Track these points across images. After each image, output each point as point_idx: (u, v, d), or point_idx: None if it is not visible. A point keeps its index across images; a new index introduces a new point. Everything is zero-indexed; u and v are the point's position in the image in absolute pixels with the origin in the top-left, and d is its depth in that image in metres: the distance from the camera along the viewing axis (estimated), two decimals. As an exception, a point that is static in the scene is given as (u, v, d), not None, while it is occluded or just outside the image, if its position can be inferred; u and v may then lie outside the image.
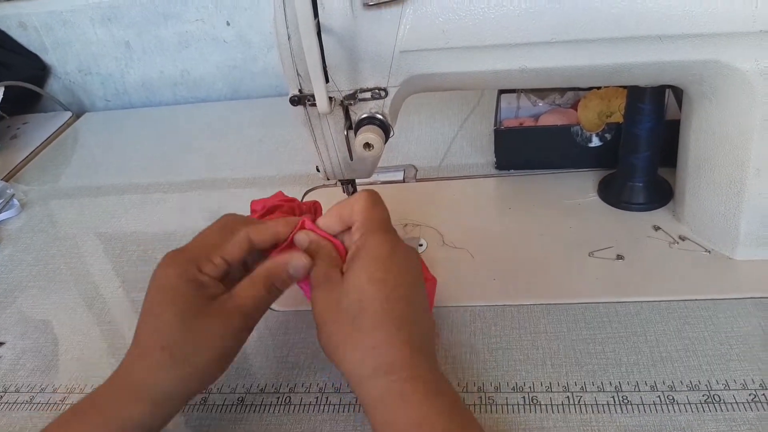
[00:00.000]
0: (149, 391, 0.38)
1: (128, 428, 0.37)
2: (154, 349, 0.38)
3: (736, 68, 0.46)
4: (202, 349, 0.38)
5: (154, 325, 0.38)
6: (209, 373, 0.40)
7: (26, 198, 0.79)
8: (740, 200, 0.50)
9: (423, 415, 0.34)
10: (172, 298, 0.38)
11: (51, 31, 0.98)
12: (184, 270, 0.39)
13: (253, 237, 0.42)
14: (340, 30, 0.45)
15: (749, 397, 0.42)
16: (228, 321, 0.39)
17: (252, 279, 0.41)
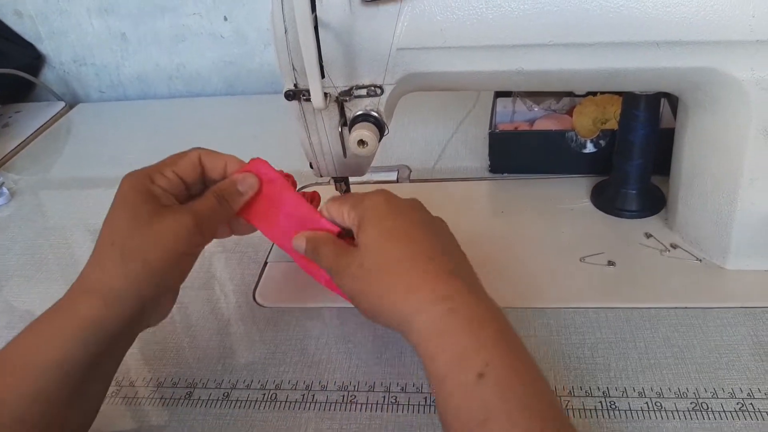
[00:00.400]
0: (101, 287, 0.39)
1: (86, 326, 0.38)
2: (105, 246, 0.40)
3: (732, 77, 0.46)
4: (151, 245, 0.40)
5: (109, 227, 0.41)
6: (163, 273, 0.40)
7: (16, 187, 0.79)
8: (733, 210, 0.50)
9: (466, 346, 0.34)
10: (124, 204, 0.41)
11: (47, 20, 0.97)
12: (137, 181, 0.42)
13: (204, 159, 0.45)
14: (337, 25, 0.45)
15: (737, 406, 0.42)
16: (178, 219, 0.41)
17: (204, 194, 0.44)
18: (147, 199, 0.41)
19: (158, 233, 0.40)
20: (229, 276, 0.59)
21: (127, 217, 0.40)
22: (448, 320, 0.36)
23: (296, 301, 0.55)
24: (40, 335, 0.39)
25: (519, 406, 0.32)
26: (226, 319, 0.54)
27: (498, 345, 0.34)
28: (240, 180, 0.45)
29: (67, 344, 0.38)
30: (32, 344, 0.39)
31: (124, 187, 0.42)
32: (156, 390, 0.48)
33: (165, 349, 0.52)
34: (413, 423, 0.43)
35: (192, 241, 0.42)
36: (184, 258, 0.42)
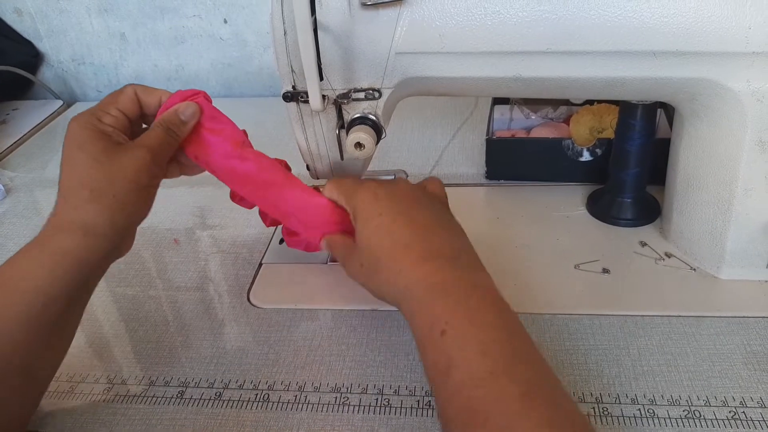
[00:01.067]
0: (78, 223, 0.42)
1: (67, 258, 0.42)
2: (75, 189, 0.43)
3: (728, 88, 0.46)
4: (117, 181, 0.43)
5: (71, 169, 0.43)
6: (131, 204, 0.44)
7: (12, 184, 0.78)
8: (727, 219, 0.51)
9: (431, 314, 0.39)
10: (81, 143, 0.44)
11: (46, 18, 0.97)
12: (86, 121, 0.45)
13: (140, 94, 0.48)
14: (336, 28, 0.45)
15: (729, 414, 0.42)
16: (136, 154, 0.44)
17: (150, 127, 0.47)
18: (101, 137, 0.44)
19: (121, 169, 0.44)
20: (224, 276, 0.59)
21: (87, 157, 0.43)
22: (423, 294, 0.40)
23: (290, 302, 0.54)
24: (23, 266, 0.42)
25: (477, 352, 0.36)
26: (219, 320, 0.54)
27: (459, 306, 0.39)
28: (182, 109, 0.48)
29: (50, 275, 0.41)
30: (16, 273, 0.41)
31: (74, 129, 0.44)
32: (148, 388, 0.48)
33: (158, 348, 0.51)
34: (405, 425, 0.43)
35: (152, 173, 0.46)
36: (147, 190, 0.46)
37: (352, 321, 0.52)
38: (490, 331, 0.38)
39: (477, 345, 0.37)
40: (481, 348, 0.37)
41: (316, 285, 0.56)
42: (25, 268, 0.41)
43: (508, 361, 0.36)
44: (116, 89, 0.49)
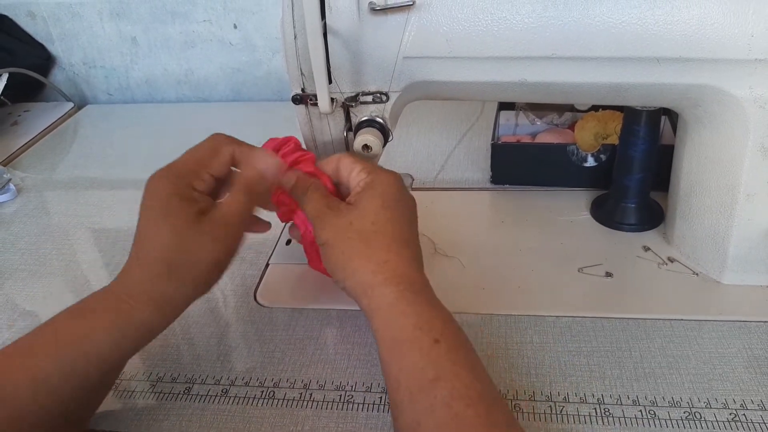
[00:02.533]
0: (153, 297, 0.41)
1: (136, 330, 0.40)
2: (152, 261, 0.41)
3: (731, 94, 0.47)
4: (195, 260, 0.41)
5: (151, 239, 0.41)
6: (205, 280, 0.43)
7: (22, 184, 0.79)
8: (730, 225, 0.51)
9: (425, 318, 0.39)
10: (166, 213, 0.41)
11: (59, 22, 0.99)
12: (176, 187, 0.42)
13: (237, 156, 0.45)
14: (345, 33, 0.46)
15: (730, 416, 0.42)
16: (218, 232, 0.42)
17: (232, 191, 0.44)
18: (188, 208, 0.42)
19: (202, 247, 0.41)
20: (231, 277, 0.59)
21: (171, 231, 0.41)
22: (414, 296, 0.40)
23: (297, 302, 0.55)
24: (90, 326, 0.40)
25: (466, 370, 0.37)
26: (226, 318, 0.54)
27: (448, 324, 0.40)
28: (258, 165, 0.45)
29: (119, 342, 0.40)
30: (81, 332, 0.40)
31: (163, 191, 0.42)
32: (155, 384, 0.48)
33: (165, 345, 0.52)
34: (409, 424, 0.43)
35: (230, 247, 0.44)
36: (223, 263, 0.44)
37: (357, 321, 0.52)
38: (474, 358, 0.39)
39: (468, 365, 0.37)
40: (471, 369, 0.37)
41: (321, 285, 0.56)
42: (88, 333, 0.40)
43: (492, 390, 0.37)
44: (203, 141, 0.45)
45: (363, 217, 0.43)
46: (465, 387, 0.36)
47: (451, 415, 0.35)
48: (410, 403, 0.36)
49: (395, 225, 0.43)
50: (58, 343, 0.39)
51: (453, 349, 0.38)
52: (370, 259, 0.42)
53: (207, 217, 0.42)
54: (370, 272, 0.41)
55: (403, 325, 0.39)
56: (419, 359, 0.37)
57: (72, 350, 0.39)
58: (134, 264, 0.42)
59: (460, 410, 0.35)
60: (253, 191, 0.45)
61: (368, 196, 0.44)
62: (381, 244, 0.42)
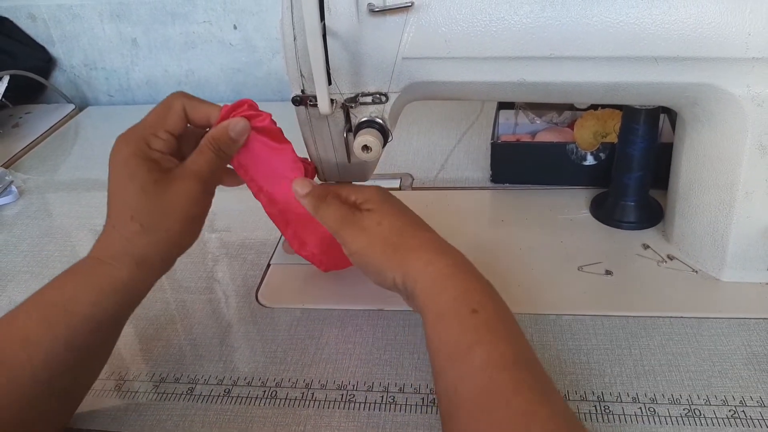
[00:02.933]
0: (131, 255, 0.42)
1: (116, 288, 0.42)
2: (125, 221, 0.42)
3: (729, 92, 0.47)
4: (167, 214, 0.43)
5: (121, 199, 0.43)
6: (181, 236, 0.44)
7: (24, 186, 0.80)
8: (729, 222, 0.51)
9: (462, 290, 0.41)
10: (131, 173, 0.43)
11: (59, 23, 0.99)
12: (136, 148, 0.43)
13: (188, 109, 0.46)
14: (345, 34, 0.46)
15: (729, 413, 0.42)
16: (186, 185, 0.44)
17: (199, 148, 0.46)
18: (151, 167, 0.43)
19: (172, 203, 0.43)
20: (232, 278, 0.60)
21: (138, 189, 0.42)
22: (452, 269, 0.42)
23: (298, 302, 0.55)
24: (70, 291, 0.42)
25: (503, 337, 0.39)
26: (228, 319, 0.55)
27: (486, 296, 0.41)
28: (230, 126, 0.46)
29: (98, 303, 0.41)
30: (63, 298, 0.41)
31: (124, 155, 0.43)
32: (158, 385, 0.49)
33: (168, 345, 0.52)
34: (410, 422, 0.44)
35: (203, 203, 0.46)
36: (198, 219, 0.46)
37: (358, 320, 0.53)
38: (512, 327, 0.40)
39: (505, 333, 0.39)
40: (507, 337, 0.39)
41: (323, 285, 0.57)
42: (72, 294, 0.41)
43: (527, 356, 0.39)
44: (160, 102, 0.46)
45: (388, 215, 0.46)
46: (500, 353, 0.37)
47: (486, 379, 0.36)
48: (450, 369, 0.38)
49: (412, 216, 0.47)
50: (45, 307, 0.41)
51: (490, 318, 0.39)
52: (411, 248, 0.44)
53: (174, 173, 0.44)
54: (414, 259, 0.43)
55: (444, 298, 0.41)
56: (457, 328, 0.39)
57: (58, 312, 0.41)
58: (110, 227, 0.43)
59: (494, 374, 0.36)
60: (221, 150, 0.46)
61: (379, 203, 0.47)
62: (412, 232, 0.45)
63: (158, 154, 0.44)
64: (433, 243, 0.44)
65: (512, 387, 0.36)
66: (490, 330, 0.39)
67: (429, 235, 0.45)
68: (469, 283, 0.42)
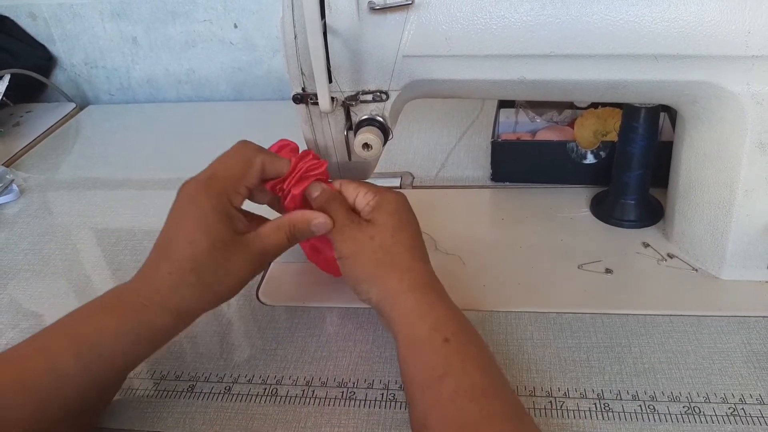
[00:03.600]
0: (175, 304, 0.42)
1: (152, 335, 0.42)
2: (184, 270, 0.42)
3: (729, 91, 0.47)
4: (225, 277, 0.43)
5: (188, 249, 0.42)
6: (226, 297, 0.45)
7: (25, 185, 0.80)
8: (728, 221, 0.51)
9: (441, 320, 0.42)
10: (207, 227, 0.42)
11: (60, 22, 0.99)
12: (219, 202, 0.43)
13: (267, 165, 0.47)
14: (345, 32, 0.47)
15: (728, 411, 0.42)
16: (251, 257, 0.44)
17: (277, 226, 0.46)
18: (227, 226, 0.43)
19: (234, 267, 0.43)
20: (233, 275, 0.60)
21: (209, 246, 0.42)
22: (432, 299, 0.43)
23: (299, 300, 0.56)
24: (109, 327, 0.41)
25: (475, 366, 0.39)
26: (229, 316, 0.55)
27: (461, 324, 0.42)
28: (313, 221, 0.46)
29: (131, 347, 0.42)
30: (101, 333, 0.41)
31: (205, 207, 0.43)
32: (159, 383, 0.49)
33: (169, 343, 0.51)
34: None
35: (255, 273, 0.46)
36: (245, 285, 0.45)
37: (359, 318, 0.53)
38: (483, 353, 0.41)
39: (476, 362, 0.40)
40: (479, 366, 0.40)
41: (323, 283, 0.57)
42: (110, 334, 0.41)
43: (498, 384, 0.39)
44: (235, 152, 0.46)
45: (383, 232, 0.45)
46: (470, 383, 0.38)
47: (455, 409, 0.37)
48: (421, 397, 0.39)
49: (411, 239, 0.46)
50: (80, 345, 0.40)
51: (462, 347, 0.40)
52: (395, 269, 0.44)
53: (245, 239, 0.44)
54: (396, 281, 0.43)
55: (421, 326, 0.41)
56: (431, 357, 0.39)
57: (90, 347, 0.40)
58: (163, 268, 0.42)
59: (463, 405, 0.37)
60: (295, 237, 0.46)
61: (383, 213, 0.46)
62: (402, 255, 0.44)
63: (236, 212, 0.44)
64: (419, 271, 0.44)
65: (481, 417, 0.36)
66: (462, 359, 0.39)
67: (418, 264, 0.45)
68: (447, 312, 0.42)
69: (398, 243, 0.45)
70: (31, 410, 0.39)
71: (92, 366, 0.40)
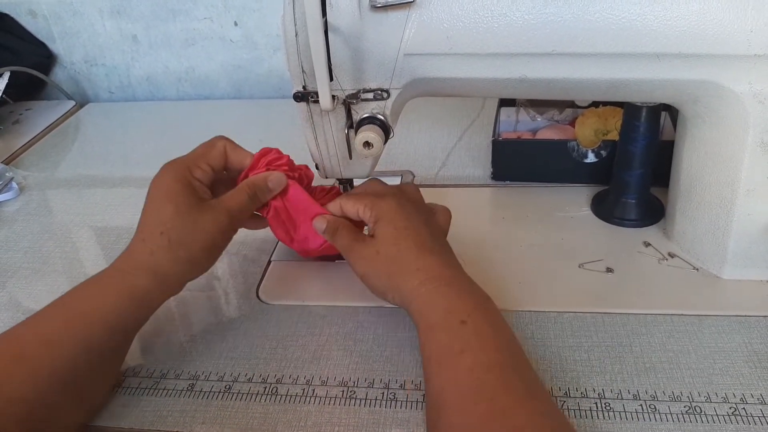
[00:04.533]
0: (151, 267, 0.46)
1: (135, 296, 0.45)
2: (155, 235, 0.46)
3: (730, 90, 0.47)
4: (195, 236, 0.46)
5: (155, 216, 0.47)
6: (200, 261, 0.48)
7: (25, 182, 0.80)
8: (729, 220, 0.51)
9: (455, 304, 0.43)
10: (170, 195, 0.47)
11: (60, 20, 0.99)
12: (180, 174, 0.48)
13: (229, 151, 0.51)
14: (346, 30, 0.46)
15: (730, 410, 0.42)
16: (217, 216, 0.48)
17: (237, 188, 0.50)
18: (189, 192, 0.47)
19: (200, 227, 0.47)
20: (232, 274, 0.60)
21: (173, 209, 0.46)
22: (442, 289, 0.44)
23: (299, 299, 0.55)
24: (93, 297, 0.45)
25: (492, 345, 0.41)
26: (229, 315, 0.55)
27: (477, 308, 0.43)
28: (270, 177, 0.51)
29: (118, 306, 0.44)
30: (85, 303, 0.45)
31: (167, 178, 0.48)
32: (159, 381, 0.49)
33: (168, 342, 0.52)
34: (411, 419, 0.44)
35: (227, 236, 0.49)
36: (218, 249, 0.49)
37: (359, 317, 0.53)
38: (502, 334, 0.42)
39: (492, 340, 0.41)
40: (495, 344, 0.41)
41: (323, 282, 0.57)
42: (94, 299, 0.45)
43: (515, 360, 0.41)
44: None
45: (386, 244, 0.48)
46: (487, 358, 0.40)
47: (472, 379, 0.39)
48: (438, 373, 0.40)
49: (414, 240, 0.47)
50: (68, 311, 0.44)
51: (479, 328, 0.42)
52: (404, 274, 0.46)
53: (208, 203, 0.48)
54: (407, 283, 0.45)
55: (435, 313, 0.43)
56: (447, 337, 0.41)
57: (81, 317, 0.44)
58: (138, 241, 0.47)
59: (480, 375, 0.39)
60: (256, 195, 0.51)
61: (382, 225, 0.48)
62: (408, 259, 0.46)
63: (197, 183, 0.48)
64: (427, 266, 0.46)
65: (498, 386, 0.38)
66: (480, 338, 0.41)
67: (426, 261, 0.46)
68: (461, 297, 0.44)
69: (402, 249, 0.47)
70: (23, 378, 0.41)
71: (79, 330, 0.43)
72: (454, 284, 0.45)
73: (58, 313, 0.44)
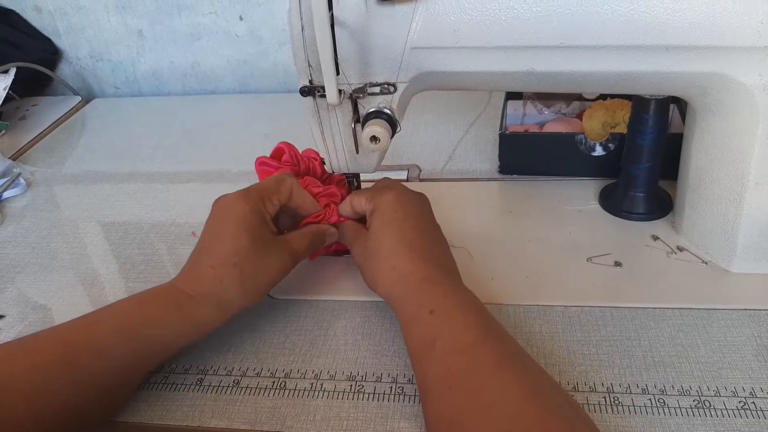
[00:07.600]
0: (219, 296, 0.46)
1: (199, 322, 0.46)
2: (228, 265, 0.46)
3: (740, 82, 0.46)
4: (263, 273, 0.48)
5: (230, 245, 0.47)
6: (261, 295, 0.49)
7: (32, 178, 0.80)
8: (739, 213, 0.51)
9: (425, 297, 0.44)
10: (246, 227, 0.47)
11: (65, 15, 0.99)
12: (255, 206, 0.48)
13: (295, 190, 0.52)
14: (353, 24, 0.46)
15: (739, 404, 0.42)
16: (283, 257, 0.49)
17: (302, 233, 0.52)
18: (264, 226, 0.48)
19: (270, 264, 0.48)
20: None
21: (249, 242, 0.47)
22: (415, 283, 0.46)
23: (308, 294, 0.55)
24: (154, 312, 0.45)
25: (461, 327, 0.42)
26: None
27: (447, 296, 0.44)
28: (330, 231, 0.54)
29: (179, 331, 0.45)
30: (145, 316, 0.45)
31: (243, 209, 0.48)
32: (168, 375, 0.49)
33: (177, 337, 0.52)
34: (419, 413, 0.44)
35: (285, 274, 0.50)
36: (275, 284, 0.50)
37: (367, 311, 0.53)
38: (472, 314, 0.43)
39: (461, 322, 0.42)
40: (464, 324, 0.42)
41: (331, 277, 0.57)
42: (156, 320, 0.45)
43: (485, 336, 0.41)
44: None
45: (371, 238, 0.49)
46: (456, 340, 0.41)
47: (446, 365, 0.40)
48: (419, 366, 0.42)
49: (394, 237, 0.48)
50: (123, 323, 0.44)
51: (448, 314, 0.43)
52: (381, 270, 0.48)
53: (278, 241, 0.49)
54: (386, 277, 0.47)
55: (410, 306, 0.45)
56: (420, 329, 0.43)
57: (135, 333, 0.44)
58: (206, 267, 0.46)
59: (452, 359, 0.40)
60: (316, 243, 0.53)
61: (373, 220, 0.50)
62: (386, 254, 0.48)
63: (269, 217, 0.49)
64: (402, 263, 0.47)
65: (470, 367, 0.39)
66: (449, 324, 0.42)
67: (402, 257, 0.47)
68: (431, 289, 0.45)
69: (382, 244, 0.48)
70: (72, 385, 0.41)
71: (135, 345, 0.44)
72: (427, 277, 0.46)
73: (113, 325, 0.44)
